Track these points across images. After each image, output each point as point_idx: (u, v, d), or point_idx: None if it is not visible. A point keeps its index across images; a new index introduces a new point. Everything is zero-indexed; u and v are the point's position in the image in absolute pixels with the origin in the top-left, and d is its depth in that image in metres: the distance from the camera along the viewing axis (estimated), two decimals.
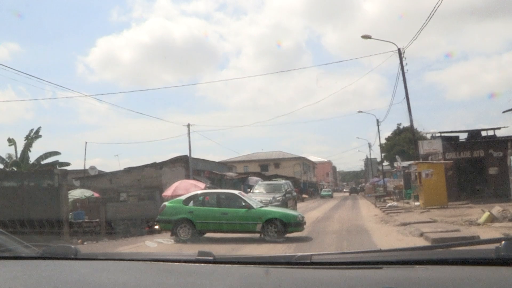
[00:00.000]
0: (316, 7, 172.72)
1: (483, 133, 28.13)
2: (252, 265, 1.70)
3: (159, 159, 28.73)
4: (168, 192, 22.56)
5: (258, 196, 20.09)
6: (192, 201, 13.64)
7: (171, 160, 27.05)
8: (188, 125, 27.27)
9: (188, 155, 26.74)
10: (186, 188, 22.32)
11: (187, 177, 25.70)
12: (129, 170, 27.86)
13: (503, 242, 1.43)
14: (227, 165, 73.19)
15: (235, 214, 12.90)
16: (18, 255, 1.95)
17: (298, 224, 12.92)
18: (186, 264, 1.81)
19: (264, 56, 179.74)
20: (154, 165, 27.14)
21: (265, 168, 73.40)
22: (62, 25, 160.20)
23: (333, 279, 1.44)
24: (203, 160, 30.46)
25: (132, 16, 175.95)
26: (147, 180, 26.89)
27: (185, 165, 26.64)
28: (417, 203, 25.57)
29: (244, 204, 13.20)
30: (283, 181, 23.11)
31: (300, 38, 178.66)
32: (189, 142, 26.65)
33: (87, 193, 20.14)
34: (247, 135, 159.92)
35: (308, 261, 1.63)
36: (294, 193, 23.68)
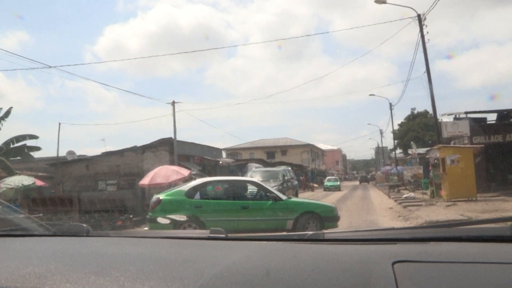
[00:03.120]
0: None
1: None
2: (265, 242, 1.67)
3: None
4: (145, 181, 19.21)
5: None
6: (198, 193, 10.34)
7: (154, 143, 23.61)
8: (173, 103, 23.86)
9: (174, 137, 23.32)
10: (166, 176, 18.98)
11: (172, 162, 22.33)
12: (107, 155, 24.52)
13: None
14: (229, 151, 70.37)
15: (259, 208, 10.13)
16: (33, 233, 2.00)
17: (335, 218, 10.57)
18: (199, 240, 1.81)
19: (272, 43, 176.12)
20: (134, 149, 23.77)
21: (272, 155, 70.91)
22: (69, 14, 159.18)
23: (346, 253, 1.41)
24: (193, 143, 26.85)
25: (138, 4, 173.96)
26: (127, 166, 23.60)
27: (170, 149, 23.27)
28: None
29: (269, 194, 10.38)
30: (281, 168, 19.67)
31: (308, 25, 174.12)
32: (174, 122, 23.27)
33: (27, 180, 16.74)
34: (255, 124, 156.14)
35: (321, 238, 1.62)
36: (295, 182, 20.24)
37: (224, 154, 70.76)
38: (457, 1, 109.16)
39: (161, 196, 10.20)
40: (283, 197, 10.67)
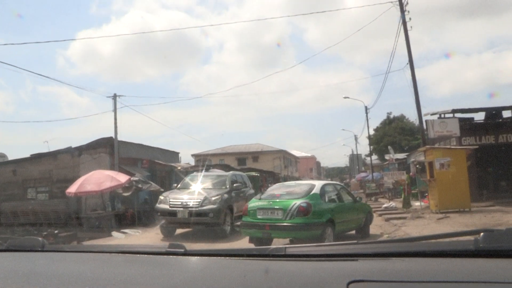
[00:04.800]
0: (298, 1, 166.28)
1: (506, 113, 21.61)
2: (225, 257, 1.63)
3: None
4: (72, 189, 15.70)
5: (180, 194, 12.91)
6: (325, 196, 10.35)
7: (92, 144, 19.96)
8: (115, 95, 20.26)
9: (114, 136, 19.68)
10: (98, 182, 15.50)
11: (113, 166, 18.81)
12: (37, 158, 20.70)
13: (481, 233, 1.38)
14: (198, 157, 66.84)
15: (355, 209, 11.23)
16: None
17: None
18: (156, 256, 1.74)
19: (247, 50, 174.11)
20: (69, 151, 20.07)
21: (243, 161, 68.15)
22: (40, 17, 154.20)
23: (306, 271, 1.38)
24: (141, 145, 23.06)
25: (112, 9, 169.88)
26: (61, 171, 19.89)
27: (111, 151, 19.69)
28: (419, 204, 19.23)
29: (353, 195, 11.90)
30: (229, 173, 15.38)
31: (283, 32, 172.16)
32: (115, 119, 19.51)
33: None
34: (229, 130, 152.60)
35: (282, 253, 1.57)
36: (251, 191, 15.67)
37: (193, 160, 67.44)
38: (428, 12, 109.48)
39: (309, 201, 9.54)
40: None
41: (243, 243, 10.33)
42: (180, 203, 12.34)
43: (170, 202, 12.45)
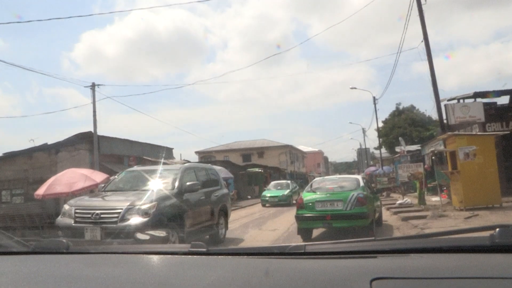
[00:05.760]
0: None
1: None
2: (246, 256, 1.66)
3: None
4: (40, 190, 13.70)
5: (95, 202, 8.61)
6: (366, 188, 10.94)
7: (70, 140, 17.96)
8: (93, 85, 18.16)
9: (93, 131, 17.63)
10: (69, 183, 13.47)
11: (92, 165, 16.80)
12: (11, 157, 18.73)
13: (497, 229, 1.39)
14: (202, 154, 64.99)
15: (376, 199, 11.86)
16: (9, 250, 1.88)
17: None
18: (179, 256, 1.76)
19: (251, 48, 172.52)
20: (45, 148, 18.11)
21: (248, 157, 66.21)
22: (44, 18, 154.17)
23: (327, 269, 1.39)
24: (128, 141, 20.90)
25: (115, 9, 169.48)
26: (38, 170, 17.95)
27: (92, 147, 17.69)
28: (436, 199, 17.12)
29: (371, 188, 12.70)
30: (182, 166, 10.30)
31: (287, 29, 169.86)
32: (94, 111, 17.49)
33: None
34: (236, 128, 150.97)
35: (302, 251, 1.58)
36: (223, 191, 11.47)
37: (197, 157, 65.48)
38: (432, 5, 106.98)
39: (363, 192, 10.17)
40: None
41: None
42: (89, 215, 7.84)
43: (76, 215, 7.99)
